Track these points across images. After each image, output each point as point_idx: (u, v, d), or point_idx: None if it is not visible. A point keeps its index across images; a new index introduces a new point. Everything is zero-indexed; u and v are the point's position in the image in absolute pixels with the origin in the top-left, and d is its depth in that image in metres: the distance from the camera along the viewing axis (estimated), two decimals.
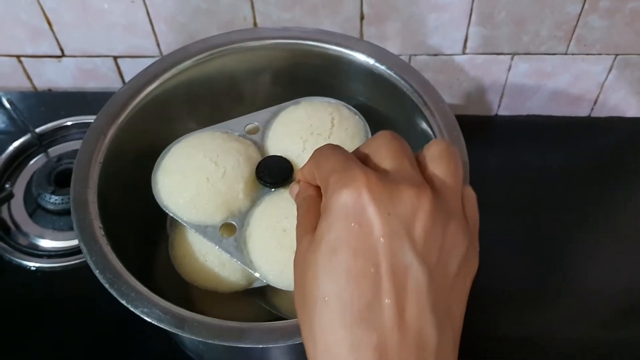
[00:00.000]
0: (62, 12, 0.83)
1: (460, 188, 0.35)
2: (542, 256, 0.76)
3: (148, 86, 0.60)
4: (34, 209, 0.77)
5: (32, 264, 0.73)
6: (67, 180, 0.76)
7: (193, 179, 0.54)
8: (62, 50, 0.87)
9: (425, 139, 0.57)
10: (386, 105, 0.62)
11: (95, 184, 0.54)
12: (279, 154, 0.56)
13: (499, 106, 0.93)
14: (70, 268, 0.73)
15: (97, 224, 0.51)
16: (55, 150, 0.83)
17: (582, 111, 0.93)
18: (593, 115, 0.93)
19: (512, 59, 0.86)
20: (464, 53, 0.86)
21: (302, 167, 0.39)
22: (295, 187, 0.40)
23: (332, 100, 0.59)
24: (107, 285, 0.48)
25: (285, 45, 0.63)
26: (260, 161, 0.55)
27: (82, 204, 0.52)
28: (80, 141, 0.82)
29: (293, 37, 0.62)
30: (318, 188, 0.37)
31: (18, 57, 0.89)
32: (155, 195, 0.55)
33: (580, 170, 0.86)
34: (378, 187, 0.31)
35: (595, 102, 0.92)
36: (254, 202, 0.55)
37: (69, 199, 0.75)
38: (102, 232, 0.51)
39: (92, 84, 0.92)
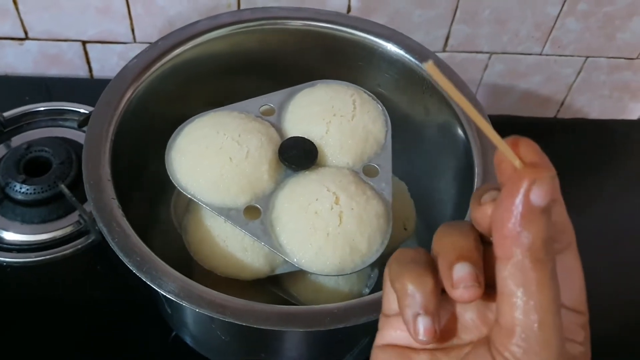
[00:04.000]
0: None
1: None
2: None
3: (157, 62, 0.56)
4: (0, 199, 0.70)
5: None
6: (39, 169, 0.72)
7: (215, 158, 0.50)
8: (25, 32, 0.81)
9: (446, 125, 0.57)
10: (400, 92, 0.61)
11: (108, 162, 0.49)
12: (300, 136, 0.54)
13: None
14: (43, 263, 0.67)
15: (115, 204, 0.47)
16: (20, 138, 0.76)
17: (549, 112, 0.96)
18: (559, 116, 0.96)
19: (489, 58, 0.87)
20: (444, 51, 0.86)
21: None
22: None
23: (349, 84, 0.58)
24: (134, 269, 0.44)
25: (297, 27, 0.61)
26: (283, 142, 0.53)
27: (96, 183, 0.47)
28: (50, 129, 0.77)
29: (307, 18, 0.60)
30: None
31: None
32: (170, 176, 0.51)
33: None
34: None
35: (562, 104, 0.95)
36: (277, 184, 0.52)
37: (41, 189, 0.70)
38: (122, 212, 0.47)
39: (54, 71, 0.86)
